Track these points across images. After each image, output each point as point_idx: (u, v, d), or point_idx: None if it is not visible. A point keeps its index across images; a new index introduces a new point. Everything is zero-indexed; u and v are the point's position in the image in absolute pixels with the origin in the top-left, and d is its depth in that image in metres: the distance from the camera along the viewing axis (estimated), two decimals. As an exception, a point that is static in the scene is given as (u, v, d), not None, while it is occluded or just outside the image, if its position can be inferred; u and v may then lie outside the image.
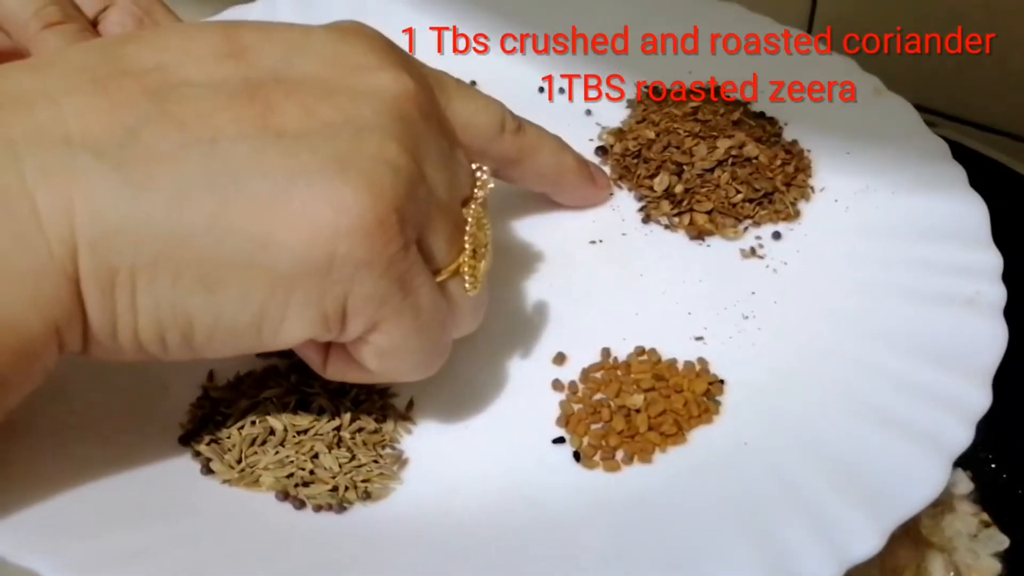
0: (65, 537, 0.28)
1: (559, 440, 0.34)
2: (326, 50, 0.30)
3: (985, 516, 0.49)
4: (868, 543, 0.28)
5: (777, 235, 0.41)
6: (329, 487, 0.32)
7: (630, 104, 0.48)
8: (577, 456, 0.33)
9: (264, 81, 0.28)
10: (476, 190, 0.32)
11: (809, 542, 0.28)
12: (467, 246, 0.31)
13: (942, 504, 0.49)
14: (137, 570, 0.28)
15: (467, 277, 0.31)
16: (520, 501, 0.32)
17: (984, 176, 0.45)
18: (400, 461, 0.33)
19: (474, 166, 0.32)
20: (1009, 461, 0.49)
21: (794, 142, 0.44)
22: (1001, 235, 0.39)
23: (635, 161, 0.44)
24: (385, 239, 0.27)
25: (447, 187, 0.30)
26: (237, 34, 0.29)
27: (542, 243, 0.41)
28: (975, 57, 0.52)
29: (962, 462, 0.47)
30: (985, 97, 0.49)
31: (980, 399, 0.31)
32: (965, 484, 0.51)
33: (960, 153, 0.42)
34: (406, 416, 0.35)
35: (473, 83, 0.49)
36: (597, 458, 0.33)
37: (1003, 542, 0.48)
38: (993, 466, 0.49)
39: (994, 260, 0.36)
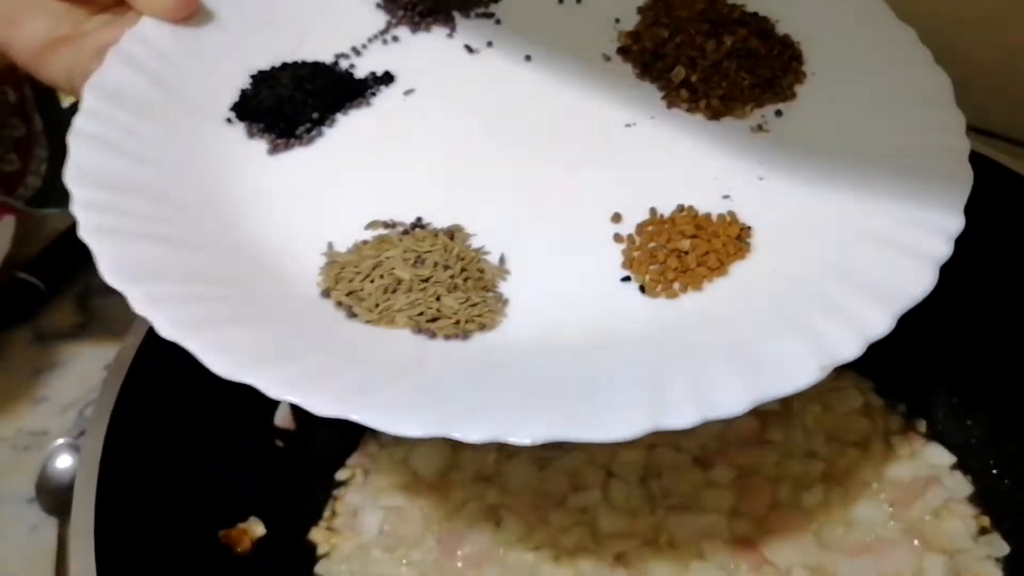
0: (268, 362, 0.36)
1: (626, 279, 0.42)
2: None
3: (985, 520, 0.51)
4: (883, 325, 0.37)
5: (779, 113, 0.49)
6: (453, 320, 0.40)
7: (640, 11, 0.55)
8: (643, 289, 0.42)
9: None
10: None
11: (839, 327, 0.37)
12: None
13: (942, 506, 0.52)
14: (319, 386, 0.35)
15: None
16: (599, 325, 0.40)
17: (987, 179, 0.48)
18: (502, 300, 0.41)
19: None
20: (1011, 466, 0.52)
21: (786, 36, 0.52)
22: (1004, 238, 0.46)
23: (654, 58, 0.52)
24: None
25: None
26: None
27: (585, 127, 0.49)
28: (976, 61, 0.54)
29: (963, 466, 0.53)
30: (988, 102, 0.52)
31: (954, 220, 0.40)
32: (965, 487, 0.53)
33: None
34: (501, 268, 0.43)
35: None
36: (659, 289, 0.42)
37: (1003, 548, 0.49)
38: (995, 471, 0.52)
39: (956, 119, 0.44)
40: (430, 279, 0.41)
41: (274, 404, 0.58)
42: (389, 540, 0.56)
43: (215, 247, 0.42)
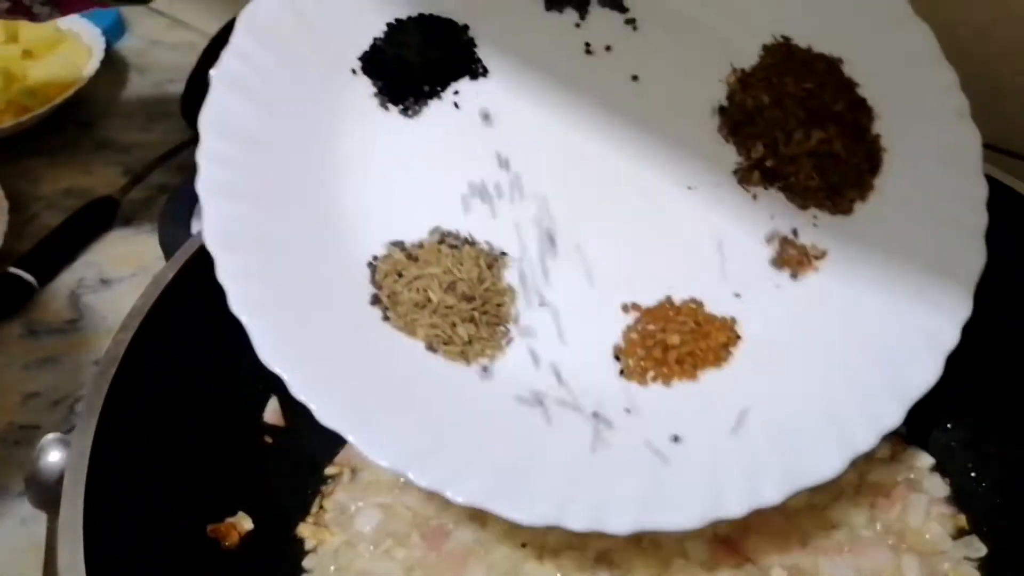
0: (301, 360, 0.46)
1: (617, 358, 0.50)
2: None
3: (963, 521, 0.52)
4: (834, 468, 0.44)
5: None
6: (460, 349, 0.49)
7: (764, 48, 0.56)
8: (622, 372, 0.49)
9: None
10: None
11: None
12: None
13: (921, 508, 0.52)
14: (330, 400, 0.45)
15: None
16: (572, 387, 0.49)
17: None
18: (507, 338, 0.50)
19: None
20: (988, 469, 0.52)
21: (876, 138, 0.53)
22: (1001, 251, 0.46)
23: (746, 121, 0.54)
24: None
25: None
26: None
27: (650, 183, 0.53)
28: (972, 73, 0.52)
29: (941, 468, 0.53)
30: (983, 114, 0.50)
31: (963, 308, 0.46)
32: (943, 489, 0.54)
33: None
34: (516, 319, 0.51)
35: None
36: (635, 375, 0.49)
37: (981, 549, 0.50)
38: (973, 474, 0.52)
39: (980, 220, 0.48)
40: (453, 307, 0.49)
41: (263, 400, 0.59)
42: (376, 536, 0.57)
43: (302, 214, 0.50)
